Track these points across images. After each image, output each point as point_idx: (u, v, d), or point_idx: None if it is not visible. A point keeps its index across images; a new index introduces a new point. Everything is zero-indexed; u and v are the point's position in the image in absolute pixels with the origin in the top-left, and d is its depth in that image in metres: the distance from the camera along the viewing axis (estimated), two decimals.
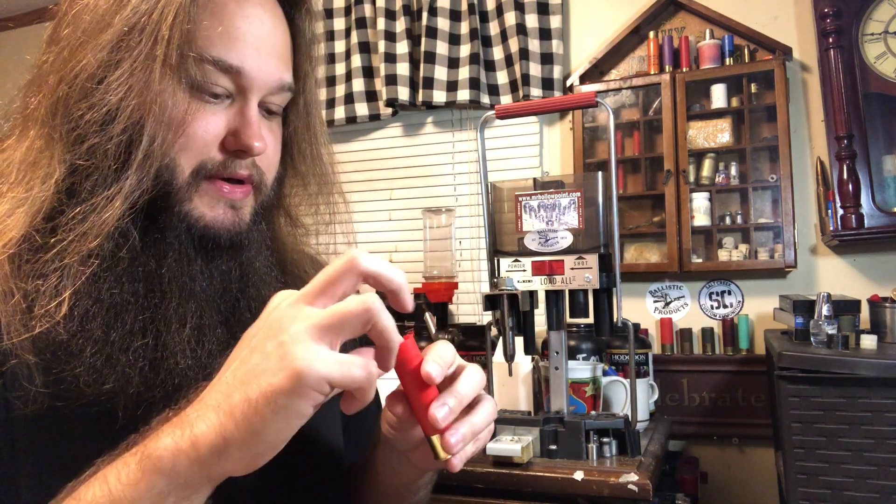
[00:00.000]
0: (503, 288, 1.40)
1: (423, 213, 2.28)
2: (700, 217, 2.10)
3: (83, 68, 0.55)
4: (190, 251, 0.59)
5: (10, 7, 3.07)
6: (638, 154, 2.22)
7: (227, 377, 0.45)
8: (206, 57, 0.57)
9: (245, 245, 0.63)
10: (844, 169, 1.89)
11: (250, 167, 0.61)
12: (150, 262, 0.57)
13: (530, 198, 1.44)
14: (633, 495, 1.27)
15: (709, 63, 2.13)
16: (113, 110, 0.55)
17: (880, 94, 1.91)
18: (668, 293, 2.23)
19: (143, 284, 0.56)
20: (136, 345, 0.54)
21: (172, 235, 0.58)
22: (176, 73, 0.56)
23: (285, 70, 0.64)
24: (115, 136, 0.55)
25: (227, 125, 0.60)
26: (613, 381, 1.62)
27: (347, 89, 2.51)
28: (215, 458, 0.43)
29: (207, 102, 0.59)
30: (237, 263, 0.62)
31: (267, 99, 0.63)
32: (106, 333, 0.53)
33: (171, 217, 0.58)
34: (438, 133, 2.54)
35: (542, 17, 2.31)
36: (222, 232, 0.60)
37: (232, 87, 0.59)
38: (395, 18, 2.45)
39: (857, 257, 2.04)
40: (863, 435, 1.32)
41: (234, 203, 0.61)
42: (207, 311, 0.58)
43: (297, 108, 0.70)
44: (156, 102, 0.56)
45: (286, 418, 0.43)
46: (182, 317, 0.56)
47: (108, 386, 0.52)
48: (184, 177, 0.58)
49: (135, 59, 0.55)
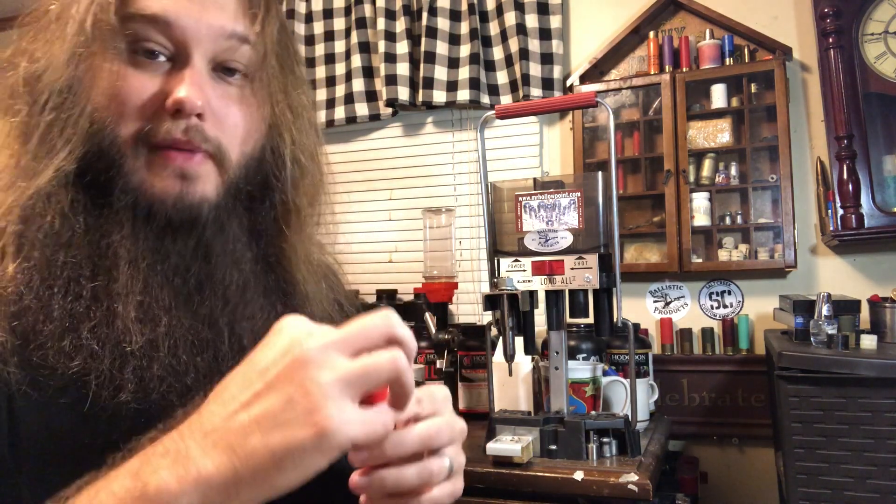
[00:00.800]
0: (503, 288, 1.40)
1: (423, 213, 2.28)
2: (700, 217, 2.10)
3: (27, 50, 0.56)
4: (139, 226, 0.56)
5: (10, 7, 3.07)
6: (638, 154, 2.22)
7: (236, 409, 0.41)
8: (133, 13, 0.55)
9: (206, 222, 0.58)
10: (844, 169, 1.89)
11: (197, 133, 0.56)
12: (95, 236, 0.55)
13: (530, 198, 1.44)
14: (633, 495, 1.27)
15: (709, 63, 2.13)
16: (45, 82, 0.55)
17: (880, 94, 1.91)
18: (668, 293, 2.23)
19: (91, 261, 0.54)
20: (97, 318, 0.52)
21: (121, 209, 0.56)
22: (108, 37, 0.54)
23: (234, 19, 0.58)
24: (46, 106, 0.54)
25: (165, 86, 0.56)
26: (613, 381, 1.62)
27: (347, 89, 2.51)
28: (222, 498, 0.41)
29: (141, 65, 0.55)
30: (196, 241, 0.58)
31: (218, 55, 0.58)
32: (61, 306, 0.52)
33: (116, 190, 0.55)
34: (438, 133, 2.54)
35: (542, 17, 2.31)
36: (170, 204, 0.56)
37: (169, 43, 0.56)
38: (395, 18, 2.45)
39: (857, 257, 2.04)
40: (863, 435, 1.32)
41: (185, 172, 0.57)
42: (162, 291, 0.56)
43: (269, 68, 0.62)
44: (89, 69, 0.55)
45: (303, 471, 0.41)
46: (128, 294, 0.54)
47: (76, 362, 0.50)
48: (124, 146, 0.55)
49: (65, 31, 0.55)
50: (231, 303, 0.60)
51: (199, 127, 0.56)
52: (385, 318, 0.44)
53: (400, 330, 0.45)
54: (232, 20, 0.58)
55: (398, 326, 0.45)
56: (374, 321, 0.44)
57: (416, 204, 2.52)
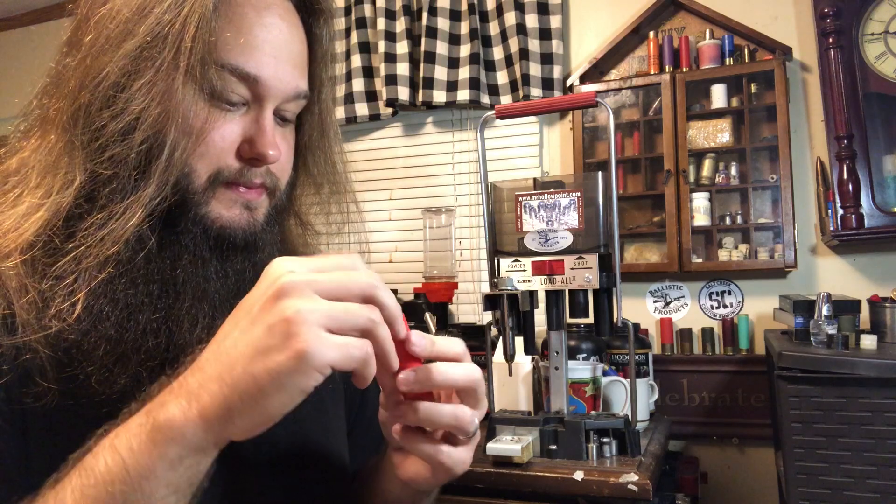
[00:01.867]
0: (503, 288, 1.40)
1: (423, 213, 2.28)
2: (700, 217, 2.10)
3: (106, 76, 0.55)
4: (205, 252, 0.60)
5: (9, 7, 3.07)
6: (638, 154, 2.22)
7: (227, 346, 0.46)
8: (225, 66, 0.58)
9: (259, 246, 0.64)
10: (844, 169, 1.89)
11: (264, 174, 0.62)
12: (164, 264, 0.58)
13: (530, 198, 1.44)
14: (633, 495, 1.27)
15: (709, 63, 2.13)
16: (134, 119, 0.55)
17: (880, 94, 1.91)
18: (668, 293, 2.23)
19: (158, 286, 0.57)
20: (149, 345, 0.55)
21: (188, 238, 0.59)
22: (196, 82, 0.57)
23: (301, 78, 0.64)
24: (135, 145, 0.56)
25: (243, 133, 0.61)
26: (613, 381, 1.62)
27: (347, 89, 2.51)
28: (221, 425, 0.45)
29: (225, 110, 0.59)
30: (251, 264, 0.63)
31: (282, 107, 0.63)
32: (119, 333, 0.54)
33: (187, 221, 0.59)
34: (438, 133, 2.54)
35: (542, 17, 2.31)
36: (238, 232, 0.61)
37: (248, 94, 0.60)
38: (395, 18, 2.45)
39: (857, 257, 2.04)
40: (863, 435, 1.32)
41: (249, 204, 0.62)
42: (220, 311, 0.59)
43: (312, 116, 0.70)
44: (177, 111, 0.56)
45: (289, 394, 0.44)
46: (194, 317, 0.57)
47: (119, 385, 0.53)
48: (200, 182, 0.59)
49: (157, 69, 0.55)
50: None
51: (270, 171, 0.63)
52: (371, 286, 0.48)
53: (385, 300, 0.48)
54: (301, 78, 0.64)
55: (383, 297, 0.48)
56: (361, 282, 0.48)
57: (416, 204, 2.52)
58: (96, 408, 0.52)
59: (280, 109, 0.63)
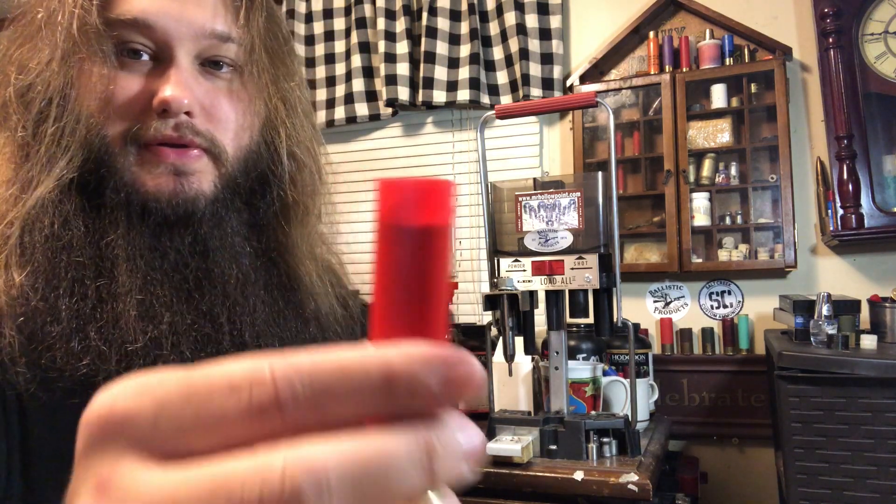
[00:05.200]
0: (503, 288, 1.40)
1: None
2: (700, 217, 2.10)
3: (16, 59, 0.56)
4: (135, 224, 0.56)
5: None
6: (638, 154, 2.22)
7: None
8: (111, 18, 0.56)
9: (203, 217, 0.58)
10: (844, 169, 1.89)
11: (185, 128, 0.56)
12: (95, 238, 0.55)
13: (530, 198, 1.44)
14: (633, 495, 1.27)
15: (709, 63, 2.13)
16: (38, 91, 0.55)
17: (880, 94, 1.91)
18: (668, 293, 2.23)
19: (93, 261, 0.55)
20: (100, 322, 0.53)
21: (115, 208, 0.56)
22: (94, 41, 0.55)
23: (211, 16, 0.58)
24: (43, 116, 0.55)
25: (151, 85, 0.56)
26: (613, 381, 1.62)
27: (347, 89, 2.51)
28: None
29: (127, 65, 0.56)
30: (193, 236, 0.58)
31: (202, 52, 0.58)
32: (68, 307, 0.52)
33: (110, 190, 0.56)
34: (438, 133, 2.54)
35: (542, 17, 2.31)
36: (164, 201, 0.56)
37: (151, 44, 0.56)
38: (395, 18, 2.45)
39: (857, 257, 2.04)
40: (863, 435, 1.32)
41: (180, 169, 0.57)
42: (158, 286, 0.56)
43: (259, 59, 0.61)
44: (78, 76, 0.55)
45: None
46: (128, 293, 0.54)
47: (83, 363, 0.51)
48: (113, 145, 0.56)
49: (53, 42, 0.55)
50: (231, 297, 0.60)
51: (189, 123, 0.57)
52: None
53: None
54: (212, 18, 0.59)
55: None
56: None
57: None
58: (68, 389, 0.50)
59: (204, 55, 0.58)
